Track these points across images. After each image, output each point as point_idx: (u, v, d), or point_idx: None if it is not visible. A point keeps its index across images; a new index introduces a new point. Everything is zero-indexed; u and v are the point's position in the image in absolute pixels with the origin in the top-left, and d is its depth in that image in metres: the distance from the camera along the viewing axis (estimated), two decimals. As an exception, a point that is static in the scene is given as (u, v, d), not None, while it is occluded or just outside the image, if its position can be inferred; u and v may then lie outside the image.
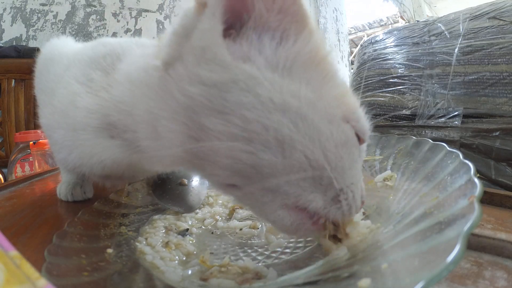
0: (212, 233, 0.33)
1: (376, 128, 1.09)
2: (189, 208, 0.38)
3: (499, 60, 0.90)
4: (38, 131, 0.92)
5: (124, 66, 0.30)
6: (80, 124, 0.32)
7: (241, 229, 0.32)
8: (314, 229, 0.22)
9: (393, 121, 1.07)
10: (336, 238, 0.25)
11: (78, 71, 0.35)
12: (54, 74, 0.38)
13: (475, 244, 0.26)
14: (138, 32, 1.71)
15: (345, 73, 3.00)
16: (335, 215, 0.22)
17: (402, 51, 1.18)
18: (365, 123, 0.23)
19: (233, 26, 0.21)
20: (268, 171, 0.19)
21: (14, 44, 1.46)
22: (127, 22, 1.69)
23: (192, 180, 0.45)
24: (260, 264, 0.25)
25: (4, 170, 1.00)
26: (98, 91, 0.32)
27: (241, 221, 0.34)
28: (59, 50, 0.42)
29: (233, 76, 0.19)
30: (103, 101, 0.31)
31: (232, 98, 0.19)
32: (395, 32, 1.30)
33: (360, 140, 0.23)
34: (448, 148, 0.28)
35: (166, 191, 0.42)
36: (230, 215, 0.36)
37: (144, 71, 0.25)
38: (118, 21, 1.68)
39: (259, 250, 0.28)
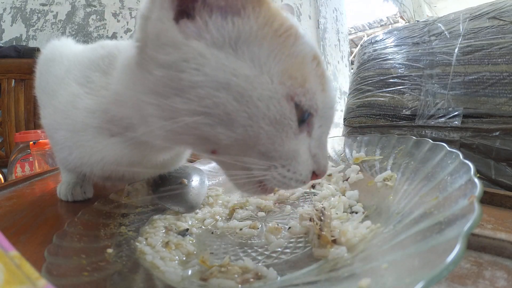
0: (212, 233, 0.33)
1: (376, 128, 1.09)
2: (189, 208, 0.38)
3: (499, 60, 0.90)
4: (38, 131, 0.93)
5: (118, 63, 0.31)
6: (80, 124, 0.33)
7: (241, 229, 0.32)
8: (260, 191, 0.26)
9: (393, 121, 1.07)
10: (327, 239, 0.25)
11: (78, 73, 0.35)
12: (55, 75, 0.38)
13: (475, 244, 0.26)
14: (138, 32, 1.71)
15: (345, 73, 3.00)
16: (270, 185, 0.25)
17: (402, 51, 1.17)
18: (316, 96, 0.23)
19: (189, 6, 0.22)
20: (226, 142, 0.22)
21: (14, 44, 1.46)
22: (127, 22, 1.69)
23: (192, 180, 0.45)
24: (260, 264, 0.25)
25: (4, 170, 1.00)
26: (97, 91, 0.33)
27: (241, 221, 0.34)
28: (59, 51, 0.42)
29: (184, 55, 0.21)
30: (102, 98, 0.32)
31: (186, 77, 0.21)
32: (395, 32, 1.30)
33: (311, 115, 0.23)
34: (448, 148, 0.28)
35: (166, 191, 0.42)
36: (230, 215, 0.37)
37: (128, 59, 0.26)
38: (118, 21, 1.68)
39: (259, 250, 0.28)
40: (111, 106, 0.30)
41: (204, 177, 0.46)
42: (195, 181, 0.45)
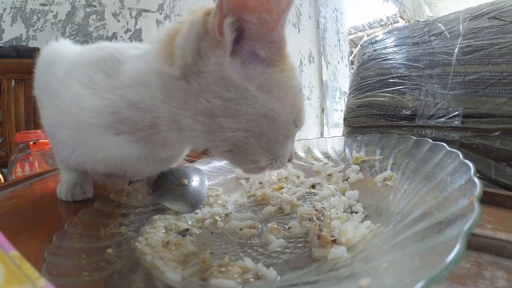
0: (212, 233, 0.33)
1: (376, 128, 1.09)
2: (189, 208, 0.38)
3: (499, 60, 0.90)
4: (38, 131, 0.92)
5: (128, 70, 0.33)
6: (86, 124, 0.34)
7: (241, 229, 0.32)
8: (262, 172, 0.37)
9: (393, 121, 1.07)
10: (327, 240, 0.25)
11: (79, 74, 0.36)
12: (55, 76, 0.39)
13: (475, 244, 0.26)
14: (138, 32, 1.71)
15: (345, 73, 3.00)
16: (271, 169, 0.35)
17: (402, 51, 1.18)
18: (303, 120, 0.35)
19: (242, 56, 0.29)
20: (252, 145, 0.31)
21: (14, 44, 1.45)
22: (127, 22, 1.69)
23: (192, 180, 0.45)
24: (260, 264, 0.25)
25: (4, 170, 1.00)
26: (102, 92, 0.34)
27: (241, 221, 0.34)
28: (59, 52, 0.42)
29: (243, 94, 0.29)
30: (109, 101, 0.33)
31: (242, 109, 0.29)
32: (395, 32, 1.30)
33: (296, 126, 0.34)
34: (448, 148, 0.28)
35: (166, 191, 0.42)
36: (229, 218, 0.36)
37: (159, 77, 0.30)
38: (118, 21, 1.68)
39: (259, 250, 0.28)
40: (123, 110, 0.33)
41: (204, 177, 0.46)
42: (195, 181, 0.45)
